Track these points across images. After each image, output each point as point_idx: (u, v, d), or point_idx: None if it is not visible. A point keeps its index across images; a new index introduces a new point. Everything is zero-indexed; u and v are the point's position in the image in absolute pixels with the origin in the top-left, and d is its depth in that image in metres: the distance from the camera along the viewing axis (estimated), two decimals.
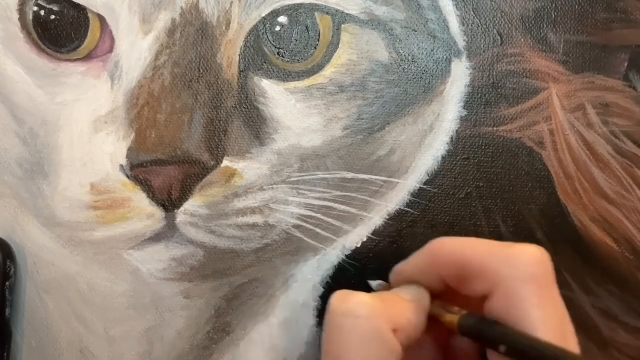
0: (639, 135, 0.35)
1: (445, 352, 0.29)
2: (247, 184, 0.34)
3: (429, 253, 0.28)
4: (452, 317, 0.26)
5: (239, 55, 0.34)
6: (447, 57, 0.35)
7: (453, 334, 0.28)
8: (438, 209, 0.35)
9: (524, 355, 0.23)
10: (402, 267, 0.29)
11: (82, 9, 0.34)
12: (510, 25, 0.35)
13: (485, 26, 0.35)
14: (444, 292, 0.28)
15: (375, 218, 0.35)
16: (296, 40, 0.34)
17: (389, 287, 0.31)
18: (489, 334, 0.24)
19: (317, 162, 0.34)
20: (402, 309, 0.26)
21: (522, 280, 0.24)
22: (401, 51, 0.35)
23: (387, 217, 0.35)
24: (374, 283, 0.32)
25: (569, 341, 0.24)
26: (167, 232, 0.34)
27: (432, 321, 0.28)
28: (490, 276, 0.24)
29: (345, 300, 0.26)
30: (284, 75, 0.34)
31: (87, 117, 0.35)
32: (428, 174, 0.35)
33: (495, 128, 0.35)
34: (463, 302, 0.27)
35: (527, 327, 0.23)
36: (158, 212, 0.34)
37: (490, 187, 0.35)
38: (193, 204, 0.34)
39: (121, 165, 0.34)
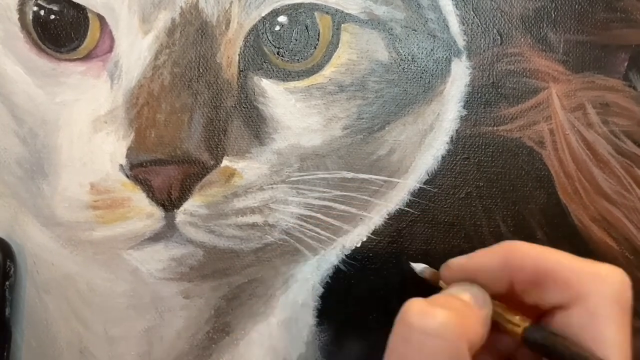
0: (639, 135, 0.35)
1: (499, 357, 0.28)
2: (246, 183, 0.34)
3: (501, 253, 0.26)
4: (516, 326, 0.25)
5: (239, 55, 0.34)
6: (447, 57, 0.35)
7: (510, 341, 0.27)
8: (438, 209, 0.35)
9: None
10: (464, 262, 0.27)
11: (81, 9, 0.34)
12: (510, 24, 0.35)
13: (485, 26, 0.35)
14: (501, 295, 0.27)
15: (375, 218, 0.35)
16: (296, 40, 0.34)
17: (436, 275, 0.29)
18: (562, 351, 0.24)
19: (317, 162, 0.34)
20: (476, 324, 0.25)
21: (610, 300, 0.23)
22: (401, 51, 0.34)
23: (387, 217, 0.35)
24: (418, 267, 0.31)
25: None
26: (167, 232, 0.34)
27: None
28: (574, 289, 0.24)
29: (427, 315, 0.24)
30: (283, 75, 0.34)
31: (86, 117, 0.35)
32: (428, 174, 0.35)
33: (495, 128, 0.35)
34: (518, 307, 0.26)
35: (601, 347, 0.23)
36: (158, 212, 0.34)
37: (491, 187, 0.35)
38: (193, 204, 0.34)
39: (121, 165, 0.34)
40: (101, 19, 0.34)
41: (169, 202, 0.34)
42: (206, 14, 0.34)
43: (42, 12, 0.34)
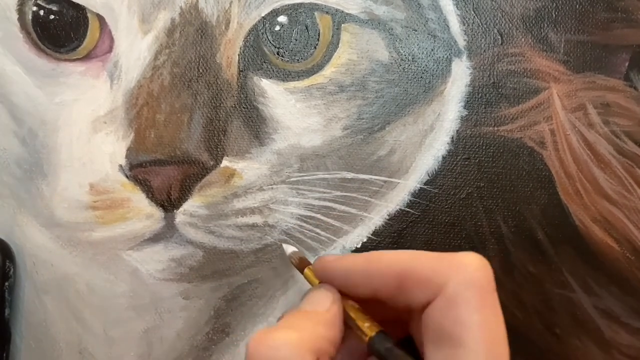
0: None
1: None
2: (246, 184, 0.34)
3: (365, 261, 0.26)
4: (364, 334, 0.26)
5: (239, 55, 0.34)
6: (447, 57, 0.35)
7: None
8: (439, 209, 0.35)
9: None
10: (331, 264, 0.28)
11: (81, 9, 0.34)
12: (511, 24, 0.35)
13: (485, 26, 0.35)
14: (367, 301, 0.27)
15: (375, 218, 0.35)
16: (296, 40, 0.34)
17: (303, 262, 0.30)
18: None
19: (317, 162, 0.34)
20: (320, 330, 0.25)
21: (465, 284, 0.24)
22: (401, 51, 0.34)
23: (388, 217, 0.35)
24: (288, 249, 0.31)
25: (501, 349, 0.24)
26: (167, 233, 0.34)
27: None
28: (433, 282, 0.24)
29: (262, 344, 0.24)
30: (283, 75, 0.34)
31: (86, 117, 0.35)
32: (429, 174, 0.35)
33: (496, 128, 0.35)
34: (390, 311, 0.27)
35: (458, 330, 0.23)
36: (157, 213, 0.34)
37: (491, 187, 0.35)
38: (192, 205, 0.34)
39: (120, 166, 0.34)
40: (101, 19, 0.34)
41: (168, 202, 0.34)
42: (206, 14, 0.33)
43: (41, 12, 0.34)
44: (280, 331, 0.24)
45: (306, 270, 0.29)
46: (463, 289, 0.24)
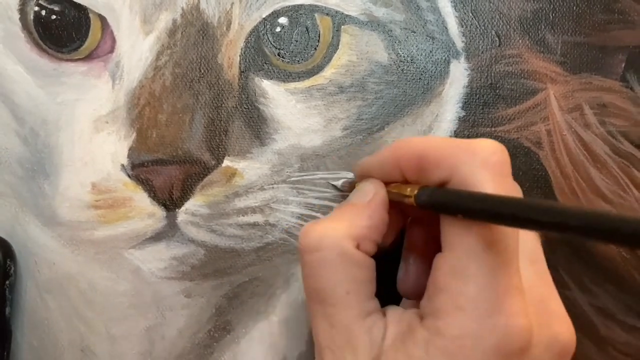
0: (636, 136, 0.35)
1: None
2: (247, 183, 0.34)
3: (391, 150, 0.29)
4: (408, 197, 0.27)
5: (240, 56, 0.34)
6: (445, 58, 0.35)
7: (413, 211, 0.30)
8: None
9: (480, 212, 0.23)
10: (365, 162, 0.31)
11: (83, 9, 0.34)
12: (508, 26, 0.35)
13: (483, 27, 0.35)
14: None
15: None
16: (296, 41, 0.34)
17: (353, 182, 0.33)
18: (449, 200, 0.25)
19: (317, 162, 0.35)
20: (361, 220, 0.28)
21: (479, 166, 0.24)
22: (400, 52, 0.35)
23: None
24: (338, 182, 0.34)
25: None
26: (168, 232, 0.34)
27: (396, 205, 0.29)
28: (449, 164, 0.25)
29: (308, 234, 0.27)
30: (284, 76, 0.34)
31: (88, 117, 0.35)
32: None
33: (493, 129, 0.35)
34: None
35: None
36: (159, 212, 0.34)
37: None
38: (194, 204, 0.34)
39: (122, 165, 0.34)
40: (102, 19, 0.34)
41: (170, 201, 0.34)
42: (207, 15, 0.34)
43: (43, 12, 0.34)
44: (325, 222, 0.28)
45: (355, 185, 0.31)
46: (476, 171, 0.24)
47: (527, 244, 0.26)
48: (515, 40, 0.35)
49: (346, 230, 0.27)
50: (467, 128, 0.35)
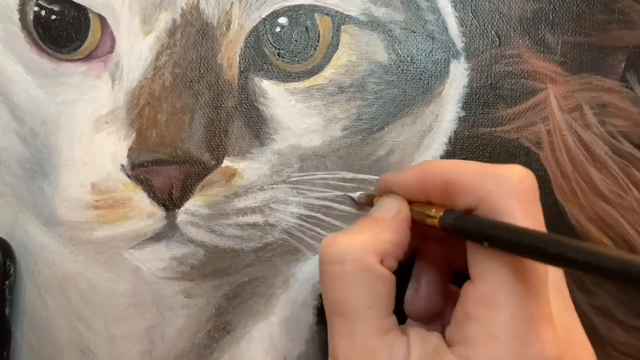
0: (636, 136, 0.35)
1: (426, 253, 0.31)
2: (247, 183, 0.34)
3: (418, 170, 0.29)
4: (433, 218, 0.27)
5: (240, 56, 0.34)
6: (445, 58, 0.35)
7: (434, 234, 0.29)
8: None
9: (508, 243, 0.23)
10: (390, 178, 0.30)
11: (82, 10, 0.34)
12: (508, 26, 0.35)
13: (483, 27, 0.35)
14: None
15: None
16: (296, 42, 0.34)
17: (371, 196, 0.32)
18: (474, 227, 0.25)
19: (317, 162, 0.35)
20: (385, 234, 0.27)
21: (507, 195, 0.24)
22: (400, 52, 0.35)
23: None
24: (355, 195, 0.34)
25: None
26: (168, 232, 0.34)
27: (414, 224, 0.29)
28: (476, 192, 0.25)
29: (331, 246, 0.27)
30: (284, 76, 0.34)
31: (87, 117, 0.35)
32: None
33: (493, 129, 0.35)
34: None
35: None
36: (159, 212, 0.34)
37: None
38: (194, 204, 0.34)
39: (122, 165, 0.34)
40: (102, 19, 0.34)
41: (170, 202, 0.34)
42: (207, 15, 0.34)
43: (42, 13, 0.34)
44: (348, 235, 0.27)
45: (375, 200, 0.31)
46: (504, 198, 0.24)
47: (551, 274, 0.26)
48: (515, 40, 0.35)
49: (370, 244, 0.27)
50: (467, 128, 0.35)
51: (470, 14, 0.35)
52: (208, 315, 0.36)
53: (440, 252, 0.30)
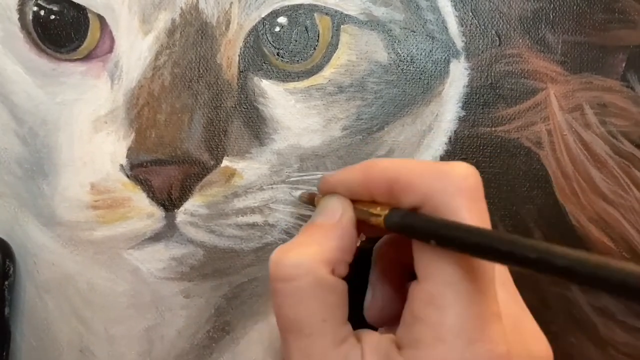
0: (637, 135, 0.35)
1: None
2: (247, 184, 0.34)
3: (361, 170, 0.28)
4: (378, 216, 0.26)
5: (239, 55, 0.34)
6: (445, 58, 0.35)
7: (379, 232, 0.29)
8: None
9: (456, 242, 0.22)
10: (332, 177, 0.29)
11: (82, 9, 0.34)
12: (508, 26, 0.35)
13: (483, 27, 0.35)
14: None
15: None
16: (295, 41, 0.34)
17: (312, 195, 0.31)
18: (420, 225, 0.24)
19: (317, 162, 0.35)
20: (332, 242, 0.26)
21: (452, 193, 0.24)
22: (400, 52, 0.35)
23: None
24: (296, 193, 0.34)
25: None
26: (167, 232, 0.34)
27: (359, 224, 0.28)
28: (421, 190, 0.25)
29: (280, 263, 0.26)
30: (283, 76, 0.34)
31: (87, 117, 0.35)
32: None
33: (493, 128, 0.35)
34: None
35: None
36: (158, 212, 0.34)
37: (489, 187, 0.35)
38: (193, 204, 0.34)
39: (121, 165, 0.34)
40: (101, 19, 0.34)
41: (169, 202, 0.34)
42: (206, 15, 0.34)
43: (42, 12, 0.34)
44: (295, 248, 0.26)
45: (316, 199, 0.30)
46: (449, 198, 0.24)
47: (495, 266, 0.26)
48: (515, 40, 0.35)
49: (319, 255, 0.26)
50: (467, 128, 0.35)
51: (470, 14, 0.35)
52: (207, 315, 0.36)
53: (393, 254, 0.30)
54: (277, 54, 0.34)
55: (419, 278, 0.25)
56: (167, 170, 0.33)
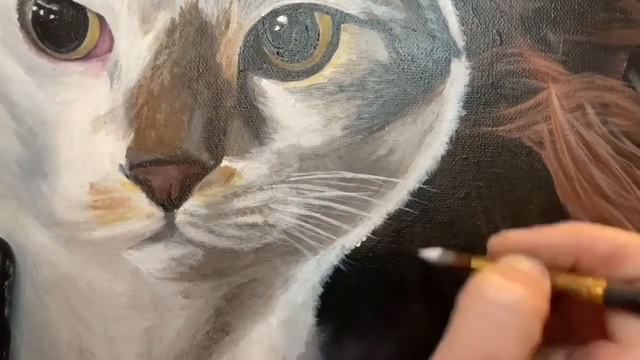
0: (639, 135, 0.35)
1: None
2: (246, 183, 0.34)
3: (570, 233, 0.26)
4: (593, 289, 0.24)
5: (239, 55, 0.34)
6: (446, 57, 0.35)
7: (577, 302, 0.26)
8: (438, 209, 0.35)
9: None
10: (525, 235, 0.26)
11: (81, 9, 0.34)
12: (509, 25, 0.35)
13: (484, 26, 0.35)
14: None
15: (374, 218, 0.35)
16: (296, 40, 0.34)
17: (462, 258, 0.27)
18: None
19: (317, 162, 0.34)
20: (545, 299, 0.24)
21: None
22: (401, 51, 0.35)
23: (387, 217, 0.35)
24: (433, 253, 0.27)
25: None
26: (167, 232, 0.34)
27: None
28: None
29: (506, 290, 0.23)
30: (283, 75, 0.34)
31: (86, 117, 0.35)
32: (428, 174, 0.35)
33: (494, 128, 0.35)
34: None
35: None
36: (157, 212, 0.34)
37: (490, 187, 0.35)
38: (192, 204, 0.34)
39: (121, 165, 0.34)
40: (101, 18, 0.34)
41: (168, 202, 0.34)
42: (206, 14, 0.34)
43: (41, 12, 0.34)
44: (523, 286, 0.23)
45: (474, 261, 0.26)
46: None
47: None
48: (516, 39, 0.35)
49: (539, 307, 0.23)
50: (469, 127, 0.35)
51: (471, 13, 0.35)
52: (207, 316, 0.36)
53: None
54: (277, 53, 0.34)
55: (627, 343, 0.24)
56: (166, 170, 0.33)
